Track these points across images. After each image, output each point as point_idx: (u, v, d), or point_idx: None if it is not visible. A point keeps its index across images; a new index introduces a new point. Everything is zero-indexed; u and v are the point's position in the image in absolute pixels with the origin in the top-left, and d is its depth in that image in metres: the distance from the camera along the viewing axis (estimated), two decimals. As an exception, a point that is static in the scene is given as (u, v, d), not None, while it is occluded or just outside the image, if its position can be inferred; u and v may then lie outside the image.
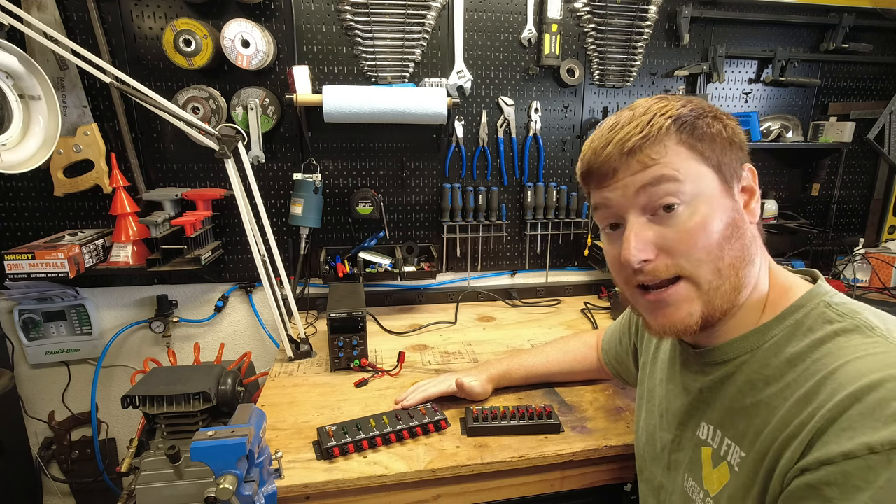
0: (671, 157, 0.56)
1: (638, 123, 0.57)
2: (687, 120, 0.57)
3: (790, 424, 0.50)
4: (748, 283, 0.58)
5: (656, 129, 0.56)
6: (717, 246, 0.55)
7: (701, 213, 0.55)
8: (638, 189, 0.57)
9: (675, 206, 0.55)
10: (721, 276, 0.56)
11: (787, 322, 0.56)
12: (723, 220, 0.56)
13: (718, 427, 0.61)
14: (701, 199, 0.56)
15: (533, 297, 1.76)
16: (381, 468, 0.86)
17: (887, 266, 1.77)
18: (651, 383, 0.78)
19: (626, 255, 0.57)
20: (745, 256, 0.57)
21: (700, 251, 0.55)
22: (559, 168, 1.69)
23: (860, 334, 0.51)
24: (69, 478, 1.64)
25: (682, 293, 0.57)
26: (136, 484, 0.72)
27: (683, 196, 0.55)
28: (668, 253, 0.56)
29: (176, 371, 0.92)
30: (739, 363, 0.59)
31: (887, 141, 1.83)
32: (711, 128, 0.57)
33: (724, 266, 0.56)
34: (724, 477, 0.58)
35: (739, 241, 0.57)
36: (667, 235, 0.56)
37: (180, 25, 1.30)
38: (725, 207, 0.56)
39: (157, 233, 1.35)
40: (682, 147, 0.56)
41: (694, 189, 0.55)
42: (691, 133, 0.56)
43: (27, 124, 1.05)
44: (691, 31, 1.62)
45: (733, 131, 0.59)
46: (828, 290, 0.58)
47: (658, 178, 0.55)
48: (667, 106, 0.58)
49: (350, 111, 1.38)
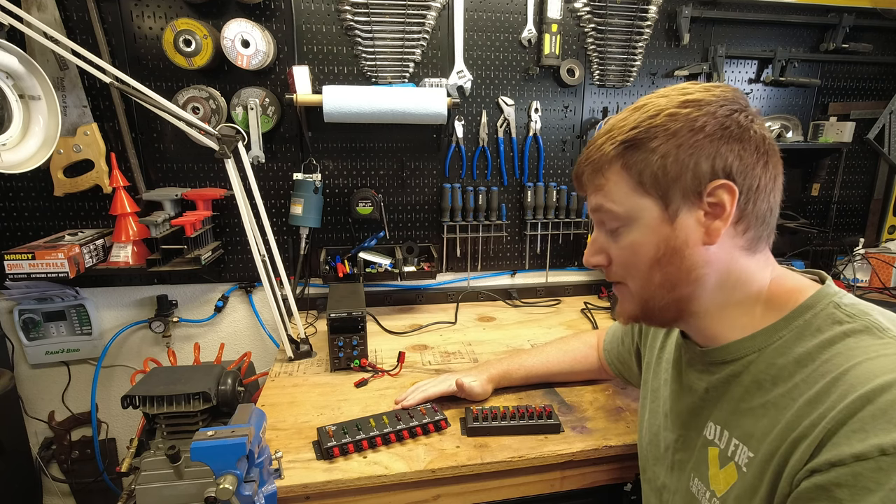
0: (611, 185, 0.60)
1: (594, 146, 0.61)
2: (632, 143, 0.58)
3: (799, 425, 0.50)
4: (699, 296, 0.60)
5: (600, 157, 0.60)
6: (646, 268, 0.60)
7: (631, 238, 0.60)
8: (591, 209, 0.64)
9: (617, 227, 0.61)
10: (649, 290, 0.61)
11: (796, 323, 0.56)
12: (652, 247, 0.59)
13: (725, 427, 0.61)
14: (634, 225, 0.60)
15: (533, 297, 1.76)
16: (381, 468, 0.86)
17: (887, 266, 1.77)
18: (655, 383, 0.78)
19: (585, 258, 0.67)
20: (682, 278, 0.59)
21: (631, 268, 0.62)
22: (559, 168, 1.69)
23: (870, 335, 0.51)
24: (69, 478, 1.64)
25: (622, 292, 0.66)
26: (136, 484, 0.72)
27: (621, 221, 0.60)
28: (614, 263, 0.64)
29: (176, 371, 0.92)
30: (746, 363, 0.59)
31: (887, 141, 1.83)
32: (656, 152, 0.56)
33: (651, 285, 0.61)
34: (731, 477, 0.58)
35: (673, 266, 0.58)
36: (612, 250, 0.63)
37: (180, 25, 1.30)
38: (659, 235, 0.58)
39: (157, 233, 1.35)
40: (623, 174, 0.59)
41: (628, 216, 0.60)
42: (633, 158, 0.58)
43: (27, 124, 1.05)
44: (691, 31, 1.62)
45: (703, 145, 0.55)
46: (836, 291, 0.57)
47: (598, 206, 0.62)
48: (623, 125, 0.59)
49: (350, 111, 1.38)
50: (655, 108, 0.58)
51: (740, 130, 0.56)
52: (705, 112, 0.56)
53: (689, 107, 0.56)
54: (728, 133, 0.55)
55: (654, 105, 0.58)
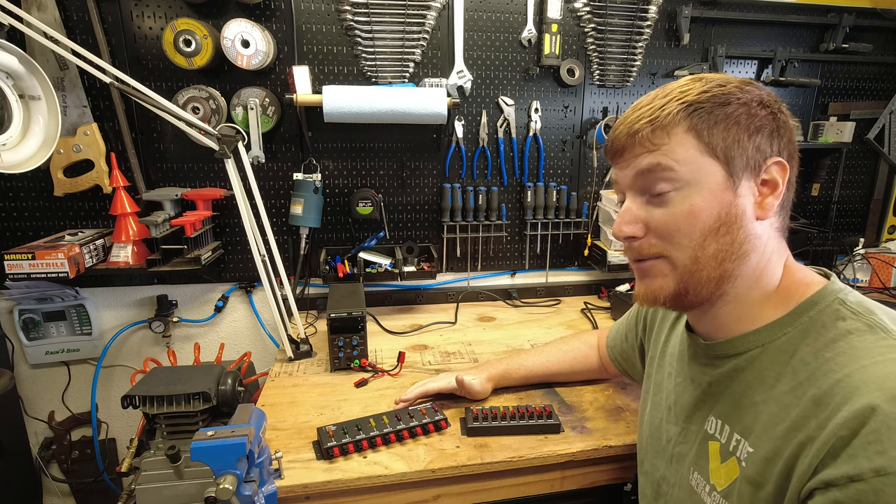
0: (674, 145, 0.57)
1: (653, 106, 0.58)
2: (702, 107, 0.56)
3: (805, 426, 0.49)
4: (738, 274, 0.58)
5: (664, 115, 0.57)
6: (700, 235, 0.57)
7: (690, 202, 0.57)
8: (636, 173, 0.59)
9: (667, 192, 0.57)
10: (698, 263, 0.58)
11: (801, 319, 0.56)
12: (714, 212, 0.56)
13: (726, 421, 0.61)
14: (695, 189, 0.57)
15: (533, 297, 1.76)
16: (381, 468, 0.86)
17: (887, 266, 1.77)
18: (659, 377, 0.78)
19: (615, 229, 0.62)
20: (733, 251, 0.57)
21: (682, 237, 0.57)
22: (559, 168, 1.69)
23: (874, 335, 0.51)
24: (69, 478, 1.64)
25: (658, 268, 0.60)
26: (136, 484, 0.72)
27: (677, 184, 0.57)
28: (654, 233, 0.59)
29: (176, 371, 0.92)
30: (750, 358, 0.59)
31: (887, 141, 1.83)
32: (731, 118, 0.56)
33: (703, 255, 0.57)
34: (732, 472, 0.58)
35: (729, 236, 0.57)
36: (656, 217, 0.59)
37: (180, 25, 1.30)
38: (722, 201, 0.56)
39: (157, 233, 1.35)
40: (690, 135, 0.56)
41: (690, 178, 0.57)
42: (704, 120, 0.56)
43: (27, 124, 1.05)
44: (691, 31, 1.62)
45: (766, 122, 0.57)
46: (842, 288, 0.57)
47: (654, 166, 0.58)
48: (689, 90, 0.57)
49: (350, 111, 1.38)
50: (721, 79, 0.58)
51: (787, 121, 0.59)
52: (766, 93, 0.59)
53: (751, 86, 0.58)
54: (781, 120, 0.58)
55: (718, 77, 0.58)
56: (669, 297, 0.61)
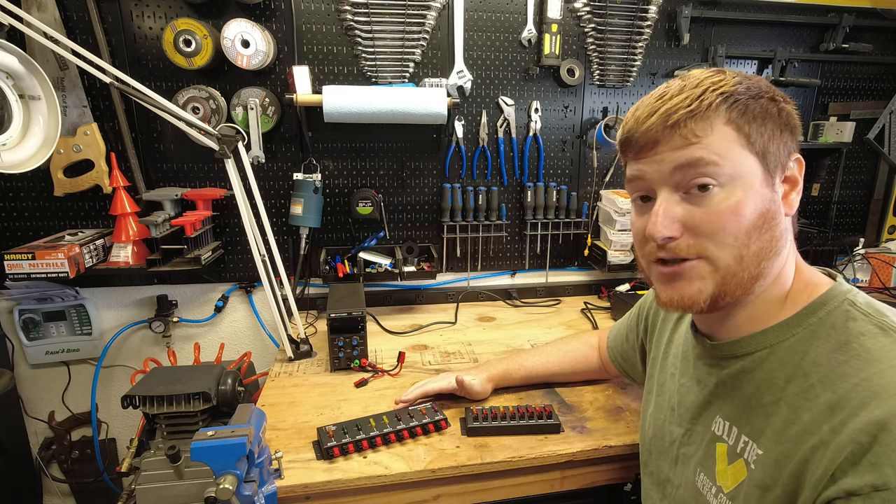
0: (715, 137, 0.54)
1: (688, 96, 0.54)
2: (740, 99, 0.54)
3: (818, 430, 0.48)
4: (769, 273, 0.57)
5: (705, 105, 0.54)
6: (745, 233, 0.54)
7: (735, 198, 0.54)
8: (674, 167, 0.55)
9: (711, 186, 0.54)
10: (742, 263, 0.55)
11: (811, 320, 0.55)
12: (757, 208, 0.54)
13: (734, 423, 0.60)
14: (738, 183, 0.54)
15: (533, 297, 1.76)
16: (381, 468, 0.86)
17: (887, 266, 1.77)
18: (662, 377, 0.78)
19: (652, 229, 0.56)
20: (773, 248, 0.56)
21: (727, 235, 0.54)
22: (559, 168, 1.69)
23: (887, 337, 0.50)
24: (69, 478, 1.64)
25: (697, 270, 0.56)
26: (136, 484, 0.72)
27: (720, 178, 0.54)
28: (693, 232, 0.56)
29: (176, 371, 0.92)
30: (758, 359, 0.58)
31: (887, 141, 1.83)
32: (765, 112, 0.55)
33: (747, 254, 0.55)
34: (740, 474, 0.57)
35: (769, 233, 0.55)
36: (696, 215, 0.55)
37: (180, 25, 1.30)
38: (762, 196, 0.55)
39: (157, 233, 1.35)
40: (729, 128, 0.54)
41: (732, 173, 0.54)
42: (742, 114, 0.54)
43: (27, 124, 1.05)
44: (691, 31, 1.62)
45: (788, 117, 0.57)
46: (850, 289, 0.57)
47: (697, 160, 0.54)
48: (722, 81, 0.55)
49: (350, 111, 1.38)
50: (744, 74, 0.57)
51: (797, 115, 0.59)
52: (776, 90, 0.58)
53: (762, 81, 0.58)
54: (796, 121, 0.58)
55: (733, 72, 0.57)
56: (707, 302, 0.57)
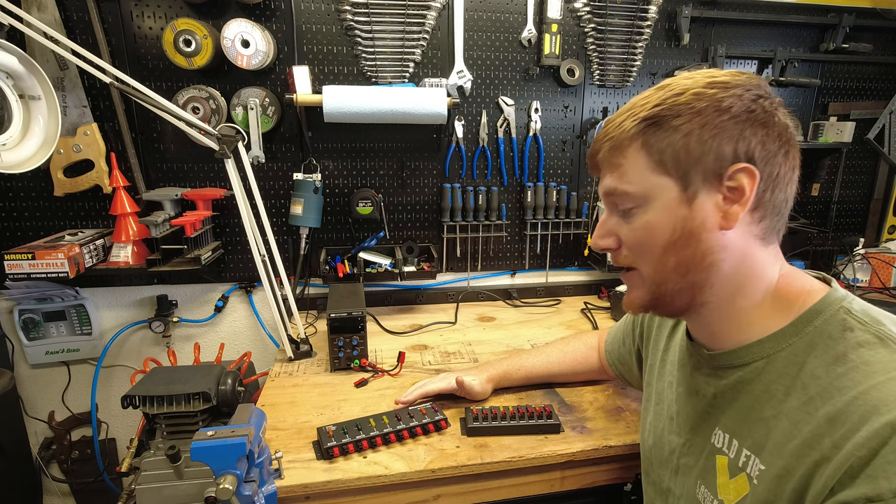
0: (629, 165, 0.58)
1: (614, 124, 0.60)
2: (658, 120, 0.56)
3: (820, 444, 0.48)
4: (713, 283, 0.58)
5: (620, 134, 0.58)
6: (660, 250, 0.58)
7: (646, 219, 0.58)
8: (602, 193, 0.63)
9: (630, 209, 0.60)
10: (663, 275, 0.59)
11: (806, 329, 0.55)
12: (668, 228, 0.57)
13: (735, 436, 0.59)
14: (650, 205, 0.58)
15: (533, 297, 1.76)
16: (381, 468, 0.86)
17: (887, 266, 1.77)
18: (660, 386, 0.77)
19: (592, 240, 0.66)
20: (697, 263, 0.57)
21: (645, 252, 0.60)
22: (559, 168, 1.69)
23: (885, 348, 0.49)
24: (69, 478, 1.64)
25: (633, 279, 0.64)
26: (136, 484, 0.72)
27: (637, 202, 0.59)
28: (625, 246, 0.62)
29: (176, 371, 0.92)
30: (755, 369, 0.58)
31: (887, 141, 1.83)
32: (680, 131, 0.55)
33: (665, 269, 0.59)
34: (742, 489, 0.57)
35: (689, 250, 0.57)
36: (622, 232, 0.62)
37: (180, 25, 1.30)
38: (676, 216, 0.56)
39: (157, 233, 1.35)
40: (642, 153, 0.57)
41: (645, 196, 0.58)
42: (654, 135, 0.56)
43: (27, 124, 1.05)
44: (691, 31, 1.62)
45: (727, 127, 0.54)
46: (845, 295, 0.56)
47: (612, 189, 0.60)
48: (646, 102, 0.57)
49: (350, 111, 1.38)
50: (680, 87, 0.56)
51: (765, 116, 0.55)
52: (731, 94, 0.55)
53: (715, 87, 0.55)
54: (753, 117, 0.54)
55: (679, 84, 0.57)
56: (647, 306, 0.63)
